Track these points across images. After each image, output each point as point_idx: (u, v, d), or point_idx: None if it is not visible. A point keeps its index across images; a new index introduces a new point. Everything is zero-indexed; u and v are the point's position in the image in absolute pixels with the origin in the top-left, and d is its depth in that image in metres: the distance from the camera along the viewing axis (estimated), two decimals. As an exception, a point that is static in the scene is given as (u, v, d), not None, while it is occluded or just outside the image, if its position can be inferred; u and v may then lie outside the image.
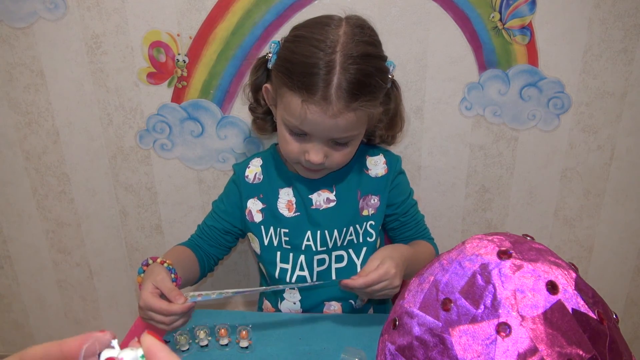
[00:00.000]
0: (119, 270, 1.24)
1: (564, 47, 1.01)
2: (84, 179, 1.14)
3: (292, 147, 0.79)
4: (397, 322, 0.48)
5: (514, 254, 0.43)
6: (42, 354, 0.32)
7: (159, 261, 0.75)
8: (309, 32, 0.74)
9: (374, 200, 0.89)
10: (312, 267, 0.88)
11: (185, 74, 1.03)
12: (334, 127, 0.74)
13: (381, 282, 0.72)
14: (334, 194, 0.88)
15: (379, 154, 0.91)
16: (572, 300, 0.41)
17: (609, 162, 1.11)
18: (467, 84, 1.04)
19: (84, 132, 1.09)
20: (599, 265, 1.21)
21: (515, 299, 0.40)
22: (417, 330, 0.44)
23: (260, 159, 0.92)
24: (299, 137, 0.78)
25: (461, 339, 0.41)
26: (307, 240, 0.87)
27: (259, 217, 0.89)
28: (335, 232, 0.87)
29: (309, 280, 0.88)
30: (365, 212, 0.88)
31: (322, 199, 0.88)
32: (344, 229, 0.88)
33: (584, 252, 1.20)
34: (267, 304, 0.96)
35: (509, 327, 0.39)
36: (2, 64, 1.03)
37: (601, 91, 1.04)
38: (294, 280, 0.88)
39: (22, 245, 1.22)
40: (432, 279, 0.47)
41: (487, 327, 0.40)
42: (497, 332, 0.40)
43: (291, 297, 0.91)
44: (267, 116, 0.90)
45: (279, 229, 0.88)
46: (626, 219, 1.17)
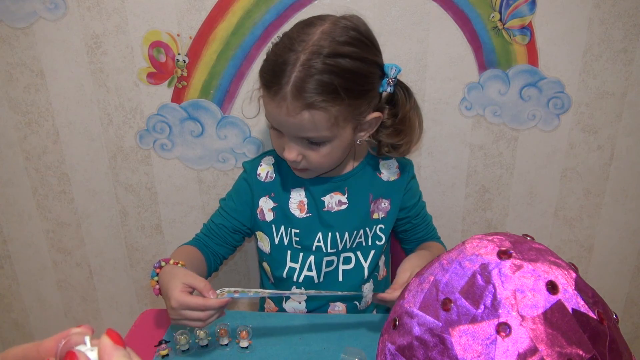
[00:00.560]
0: (119, 270, 1.24)
1: (564, 47, 1.01)
2: (84, 179, 1.14)
3: (275, 144, 0.82)
4: (397, 322, 0.48)
5: (514, 254, 0.43)
6: (22, 355, 0.32)
7: (172, 262, 0.75)
8: (292, 32, 0.74)
9: (384, 204, 0.88)
10: (320, 268, 0.88)
11: (185, 74, 1.03)
12: (293, 125, 0.73)
13: None
14: (346, 196, 0.88)
15: (392, 158, 0.90)
16: (572, 300, 0.41)
17: (609, 162, 1.11)
18: (467, 84, 1.04)
19: (84, 132, 1.09)
20: (599, 265, 1.21)
21: (515, 299, 0.40)
22: (417, 330, 0.44)
23: (272, 157, 0.92)
24: (279, 134, 0.79)
25: (461, 339, 0.41)
26: (318, 241, 0.87)
27: (270, 216, 0.89)
28: (345, 235, 0.87)
29: (315, 280, 0.88)
30: (375, 216, 0.88)
31: (334, 201, 0.87)
32: (355, 232, 0.88)
33: (584, 252, 1.20)
34: (270, 304, 0.96)
35: (509, 327, 0.39)
36: (2, 64, 1.03)
37: (601, 91, 1.04)
38: (301, 279, 0.88)
39: (22, 245, 1.22)
40: (432, 279, 0.47)
41: (487, 327, 0.40)
42: (497, 332, 0.40)
43: (297, 297, 0.91)
44: None
45: (290, 228, 0.88)
46: (626, 219, 1.17)
